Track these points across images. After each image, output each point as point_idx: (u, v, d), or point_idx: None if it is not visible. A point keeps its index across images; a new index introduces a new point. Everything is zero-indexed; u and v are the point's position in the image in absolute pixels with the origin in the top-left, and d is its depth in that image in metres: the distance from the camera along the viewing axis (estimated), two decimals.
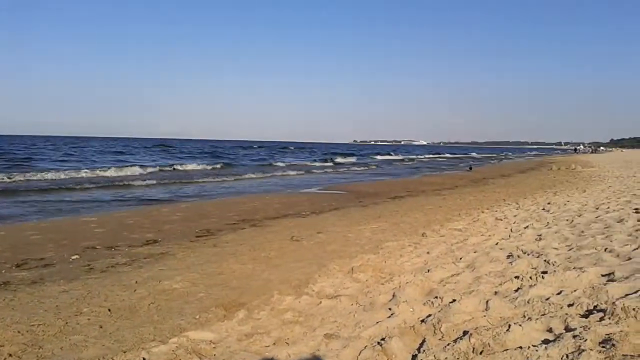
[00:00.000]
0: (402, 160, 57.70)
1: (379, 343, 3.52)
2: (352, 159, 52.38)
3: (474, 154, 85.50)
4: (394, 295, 4.67)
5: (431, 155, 72.78)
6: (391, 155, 69.68)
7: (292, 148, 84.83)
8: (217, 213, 11.40)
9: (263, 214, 11.26)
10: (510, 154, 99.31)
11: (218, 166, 33.35)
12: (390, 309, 4.29)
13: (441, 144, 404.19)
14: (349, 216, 10.82)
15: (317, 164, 41.64)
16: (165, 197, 15.36)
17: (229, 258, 6.67)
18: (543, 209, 10.58)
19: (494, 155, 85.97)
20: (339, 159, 49.32)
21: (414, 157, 66.91)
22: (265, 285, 5.35)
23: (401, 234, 8.22)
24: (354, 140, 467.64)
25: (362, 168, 38.24)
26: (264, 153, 63.53)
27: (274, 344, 3.71)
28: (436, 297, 4.45)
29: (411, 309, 4.20)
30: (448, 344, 3.38)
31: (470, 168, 36.21)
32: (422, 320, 3.90)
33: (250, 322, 4.20)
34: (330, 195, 16.47)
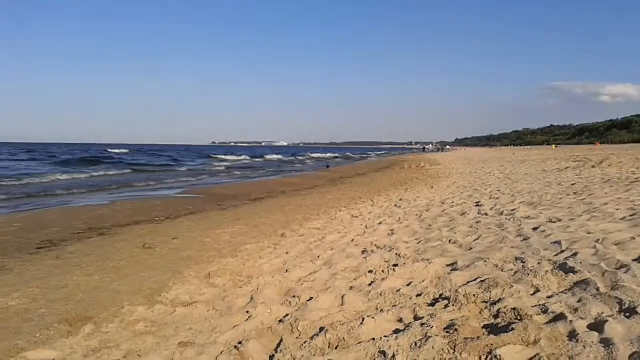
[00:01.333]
0: (264, 160, 58.15)
1: (235, 347, 3.50)
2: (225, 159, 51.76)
3: (332, 154, 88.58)
4: (252, 298, 4.67)
5: (291, 157, 74.13)
6: (243, 155, 69.90)
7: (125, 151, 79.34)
8: (61, 222, 10.56)
9: (113, 221, 10.65)
10: (372, 153, 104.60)
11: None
12: (248, 312, 4.28)
13: (301, 144, 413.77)
14: (206, 220, 10.63)
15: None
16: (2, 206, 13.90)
17: (74, 270, 6.21)
18: (395, 205, 11.26)
19: (352, 154, 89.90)
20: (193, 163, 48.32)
21: (275, 157, 67.73)
22: (115, 296, 5.06)
23: (261, 236, 8.25)
24: (213, 142, 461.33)
25: (226, 169, 37.82)
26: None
27: (124, 357, 3.53)
28: (294, 297, 4.53)
29: (269, 310, 4.23)
30: (305, 342, 3.46)
31: (328, 167, 37.47)
32: (280, 321, 3.95)
33: (98, 336, 3.95)
34: (187, 199, 16.05)
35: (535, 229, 6.75)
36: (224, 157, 63.91)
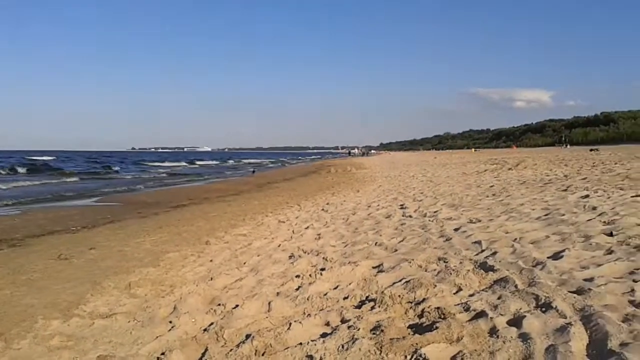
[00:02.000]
0: (186, 166, 56.98)
1: (158, 358, 3.40)
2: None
3: (257, 160, 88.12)
4: (175, 308, 4.55)
5: (216, 162, 73.08)
6: (172, 162, 68.36)
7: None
8: None
9: (25, 232, 10.08)
10: (300, 157, 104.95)
11: None
12: (171, 322, 4.17)
13: (226, 149, 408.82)
14: (126, 229, 10.27)
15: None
16: None
17: None
18: (322, 209, 11.35)
19: (278, 160, 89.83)
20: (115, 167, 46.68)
21: (197, 164, 66.54)
22: (27, 310, 4.78)
23: (184, 244, 8.07)
24: (132, 148, 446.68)
25: (150, 176, 36.73)
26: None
27: None
28: (219, 305, 4.45)
29: (193, 320, 4.13)
30: (231, 350, 3.41)
31: (254, 172, 37.25)
32: (205, 330, 3.87)
33: (7, 353, 3.71)
34: (105, 207, 15.45)
35: (456, 229, 7.00)
36: (160, 163, 62.06)
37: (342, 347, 3.21)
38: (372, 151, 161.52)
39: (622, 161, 21.61)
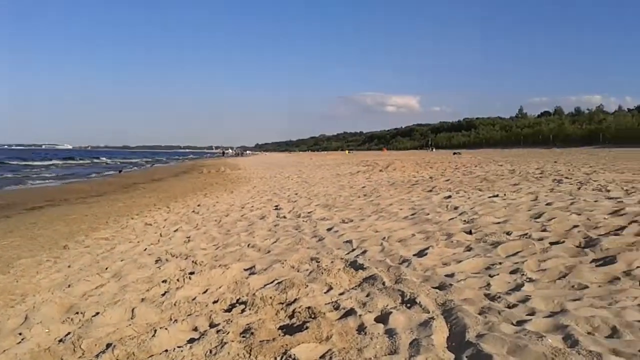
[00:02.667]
0: (43, 165, 52.92)
1: None
2: None
3: (124, 159, 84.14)
4: (26, 318, 4.18)
5: (72, 161, 68.68)
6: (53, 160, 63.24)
7: None
8: None
9: None
10: (165, 157, 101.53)
11: None
12: (21, 333, 3.82)
13: (89, 147, 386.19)
14: None
15: None
16: None
17: None
18: (193, 211, 11.08)
19: (146, 159, 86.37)
20: None
21: (57, 162, 62.09)
22: None
23: (38, 249, 7.47)
24: None
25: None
26: None
27: None
28: (77, 313, 4.16)
29: (47, 330, 3.83)
30: None
31: (120, 171, 35.52)
32: (60, 340, 3.60)
33: None
34: None
35: (329, 229, 7.17)
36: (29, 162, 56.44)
37: (210, 352, 3.14)
38: (248, 152, 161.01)
39: (481, 164, 23.44)
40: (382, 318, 3.49)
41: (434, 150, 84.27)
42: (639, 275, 4.11)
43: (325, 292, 4.22)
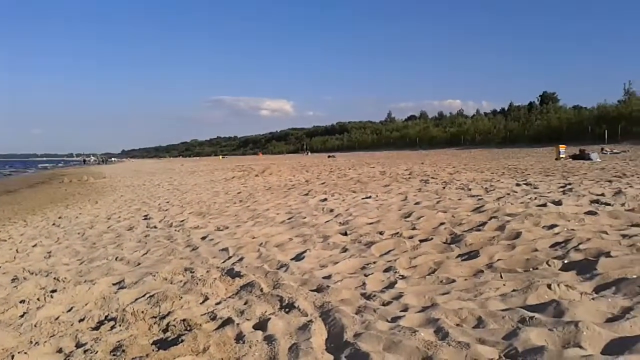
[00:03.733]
0: None
1: None
2: None
3: None
4: None
5: None
6: None
7: None
8: None
9: None
10: (26, 166, 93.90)
11: None
12: None
13: None
14: None
15: None
16: None
17: None
18: (54, 224, 10.37)
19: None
20: None
21: None
22: None
23: None
24: None
25: None
26: None
27: None
28: None
29: None
30: None
31: None
32: None
33: None
34: None
35: (204, 238, 7.04)
36: None
37: None
38: (113, 159, 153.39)
39: (354, 167, 24.28)
40: (261, 325, 3.49)
41: (309, 153, 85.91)
42: (500, 267, 4.48)
43: (201, 303, 4.14)
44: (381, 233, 6.23)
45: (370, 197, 9.91)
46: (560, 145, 25.30)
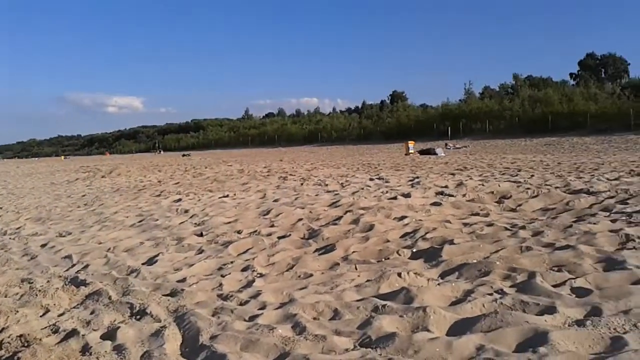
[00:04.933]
0: None
1: None
2: None
3: None
4: None
5: None
6: None
7: None
8: None
9: None
10: None
11: None
12: None
13: None
14: None
15: None
16: None
17: None
18: None
19: None
20: None
21: None
22: None
23: None
24: None
25: None
26: None
27: None
28: None
29: None
30: None
31: None
32: None
33: None
34: None
35: (44, 245, 6.54)
36: None
37: None
38: None
39: (211, 165, 23.96)
40: (110, 334, 3.32)
41: (161, 152, 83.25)
42: (355, 259, 4.68)
43: (41, 316, 3.84)
44: (239, 232, 6.22)
45: (227, 195, 9.84)
46: (410, 142, 26.99)
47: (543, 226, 5.46)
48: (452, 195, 7.88)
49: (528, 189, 7.98)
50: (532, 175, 10.42)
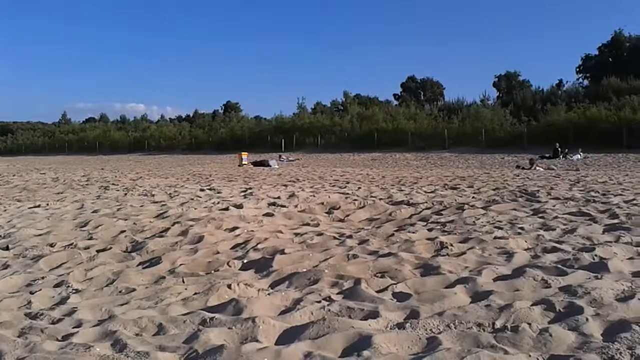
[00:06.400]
0: None
1: None
2: None
3: None
4: None
5: None
6: None
7: None
8: None
9: None
10: None
11: None
12: None
13: None
14: None
15: None
16: None
17: None
18: None
19: None
20: None
21: None
22: None
23: None
24: None
25: None
26: None
27: None
28: None
29: None
30: None
31: None
32: None
33: None
34: None
35: None
36: None
37: None
38: None
39: (20, 173, 21.97)
40: None
41: None
42: (182, 271, 4.55)
43: None
44: (52, 245, 5.75)
45: (39, 205, 9.06)
46: (243, 153, 27.10)
47: (368, 235, 5.79)
48: (284, 206, 8.03)
49: (355, 200, 8.42)
50: (360, 188, 11.00)
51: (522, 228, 5.97)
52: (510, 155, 29.63)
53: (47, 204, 9.22)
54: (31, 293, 4.10)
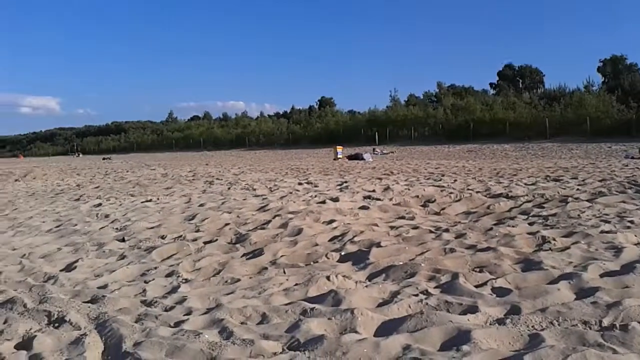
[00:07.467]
0: None
1: None
2: None
3: None
4: None
5: None
6: None
7: None
8: None
9: None
10: None
11: None
12: None
13: None
14: None
15: None
16: None
17: None
18: None
19: None
20: None
21: None
22: None
23: None
24: None
25: None
26: None
27: None
28: None
29: None
30: None
31: None
32: None
33: None
34: None
35: None
36: None
37: None
38: None
39: (132, 169, 23.32)
40: (25, 344, 3.16)
41: (80, 155, 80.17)
42: (283, 263, 4.69)
43: None
44: (163, 237, 6.10)
45: (150, 200, 9.61)
46: (338, 147, 27.28)
47: (465, 229, 5.68)
48: (379, 199, 8.04)
49: (451, 193, 8.28)
50: (455, 180, 10.79)
51: (631, 221, 5.63)
52: (618, 144, 27.84)
53: (158, 199, 9.76)
54: (145, 282, 4.38)
